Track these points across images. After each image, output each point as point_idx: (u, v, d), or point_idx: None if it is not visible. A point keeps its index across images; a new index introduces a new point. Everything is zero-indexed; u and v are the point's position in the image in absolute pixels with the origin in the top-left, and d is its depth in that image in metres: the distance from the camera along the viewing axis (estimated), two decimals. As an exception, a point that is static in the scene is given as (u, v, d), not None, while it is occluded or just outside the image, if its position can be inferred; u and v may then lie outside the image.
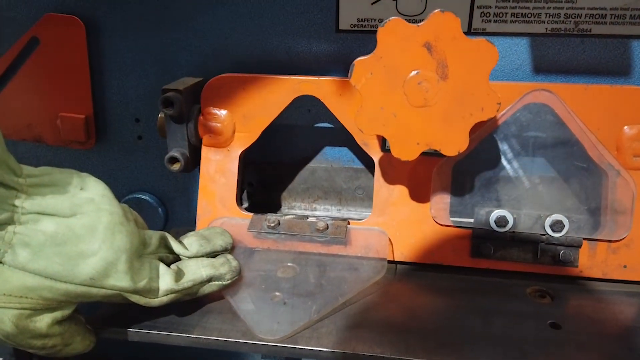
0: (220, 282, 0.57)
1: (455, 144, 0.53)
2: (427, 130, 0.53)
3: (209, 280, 0.56)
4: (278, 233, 0.67)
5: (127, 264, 0.49)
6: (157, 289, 0.52)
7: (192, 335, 0.53)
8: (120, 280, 0.49)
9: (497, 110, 0.52)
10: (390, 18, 0.50)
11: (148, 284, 0.51)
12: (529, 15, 0.64)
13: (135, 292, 0.51)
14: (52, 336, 0.49)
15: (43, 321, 0.48)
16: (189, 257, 0.58)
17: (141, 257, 0.52)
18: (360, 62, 0.52)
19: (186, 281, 0.54)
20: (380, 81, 0.52)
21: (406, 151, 0.54)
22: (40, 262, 0.45)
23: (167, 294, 0.53)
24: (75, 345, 0.52)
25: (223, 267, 0.57)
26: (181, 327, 0.54)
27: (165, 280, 0.53)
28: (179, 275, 0.54)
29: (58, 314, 0.49)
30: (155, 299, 0.52)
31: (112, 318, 0.56)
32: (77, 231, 0.47)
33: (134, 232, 0.52)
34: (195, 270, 0.55)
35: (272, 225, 0.67)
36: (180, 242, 0.59)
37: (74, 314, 0.52)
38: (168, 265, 0.55)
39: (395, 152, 0.54)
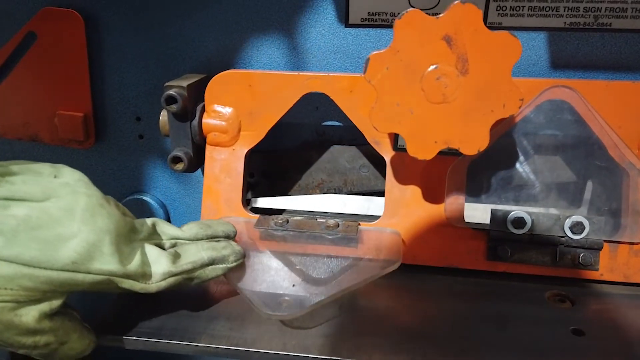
0: (224, 265, 0.53)
1: (475, 142, 0.51)
2: (445, 128, 0.50)
3: (211, 263, 0.52)
4: (287, 230, 0.64)
5: (113, 246, 0.45)
6: (152, 274, 0.48)
7: (199, 344, 0.51)
8: (106, 262, 0.45)
9: (520, 107, 0.50)
10: (408, 9, 0.48)
11: (141, 267, 0.47)
12: (547, 9, 0.62)
13: (127, 276, 0.46)
14: (43, 332, 0.45)
15: (29, 314, 0.43)
16: (188, 241, 0.54)
17: (132, 243, 0.48)
18: (376, 57, 0.49)
19: (185, 263, 0.50)
20: (397, 76, 0.50)
21: (423, 150, 0.52)
22: (14, 249, 0.41)
23: (165, 278, 0.49)
24: (72, 344, 0.48)
25: (225, 249, 0.54)
26: (187, 335, 0.52)
27: (162, 263, 0.49)
28: (176, 257, 0.50)
29: (45, 306, 0.44)
30: (152, 284, 0.48)
31: (113, 324, 0.54)
32: (53, 214, 0.44)
33: (116, 214, 0.48)
34: (195, 253, 0.51)
35: (280, 223, 0.64)
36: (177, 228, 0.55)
37: (67, 310, 0.48)
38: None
39: (412, 151, 0.52)
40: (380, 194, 0.66)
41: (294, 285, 0.54)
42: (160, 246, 0.52)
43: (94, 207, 0.46)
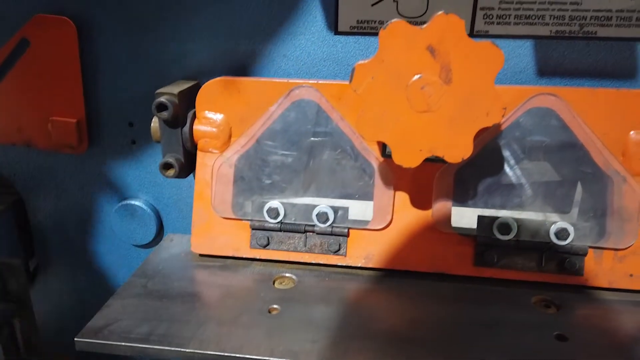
0: None
1: (459, 150, 0.51)
2: (430, 136, 0.51)
3: None
4: (275, 241, 0.65)
5: None
6: None
7: (188, 350, 0.51)
8: None
9: (503, 115, 0.50)
10: (393, 20, 0.49)
11: None
12: (533, 17, 0.62)
13: None
14: None
15: None
16: None
17: None
18: (361, 66, 0.50)
19: None
20: (382, 85, 0.50)
21: (408, 158, 0.52)
22: None
23: None
24: None
25: None
26: (176, 341, 0.52)
27: None
28: None
29: None
30: None
31: (103, 330, 0.54)
32: None
33: None
34: None
35: (269, 231, 0.65)
36: None
37: None
38: None
39: (397, 159, 0.53)
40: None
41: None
42: None
43: None
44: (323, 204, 0.65)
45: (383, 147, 0.63)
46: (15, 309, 0.79)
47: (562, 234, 0.60)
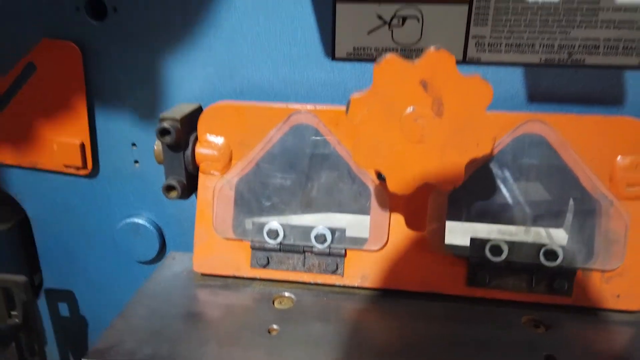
0: None
1: (450, 179, 0.53)
2: (423, 165, 0.53)
3: None
4: (275, 261, 0.67)
5: None
6: None
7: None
8: None
9: (493, 146, 0.52)
10: (386, 55, 0.51)
11: None
12: (523, 46, 0.65)
13: None
14: None
15: None
16: None
17: None
18: (357, 99, 0.52)
19: None
20: (377, 117, 0.52)
21: (402, 186, 0.54)
22: None
23: None
24: None
25: None
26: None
27: None
28: None
29: None
30: None
31: (106, 352, 0.56)
32: None
33: None
34: None
35: (269, 252, 0.67)
36: None
37: None
38: None
39: (391, 187, 0.55)
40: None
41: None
42: None
43: None
44: (321, 226, 0.67)
45: (378, 172, 0.65)
46: (22, 325, 0.81)
47: (551, 255, 0.62)
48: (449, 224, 0.65)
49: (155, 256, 0.83)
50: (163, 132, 0.66)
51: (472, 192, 0.65)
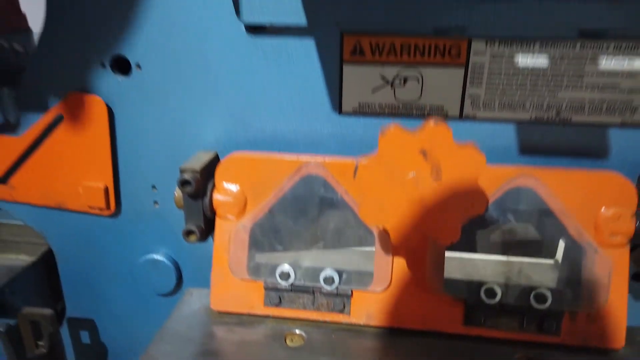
0: None
1: (448, 235, 0.59)
2: (423, 223, 0.59)
3: None
4: (286, 300, 0.73)
5: None
6: None
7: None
8: None
9: (486, 207, 0.58)
10: (390, 126, 0.57)
11: None
12: (515, 104, 0.70)
13: None
14: None
15: None
16: None
17: None
18: (364, 165, 0.58)
19: None
20: (382, 181, 0.58)
21: (404, 240, 0.60)
22: None
23: None
24: None
25: None
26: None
27: None
28: None
29: None
30: None
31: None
32: None
33: None
34: None
35: (281, 291, 0.73)
36: None
37: None
38: None
39: (395, 241, 0.60)
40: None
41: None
42: None
43: None
44: (329, 268, 0.72)
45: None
46: (47, 354, 0.87)
47: (541, 298, 0.67)
48: (448, 269, 0.71)
49: (173, 289, 0.89)
50: (184, 183, 0.71)
51: (468, 239, 0.70)
